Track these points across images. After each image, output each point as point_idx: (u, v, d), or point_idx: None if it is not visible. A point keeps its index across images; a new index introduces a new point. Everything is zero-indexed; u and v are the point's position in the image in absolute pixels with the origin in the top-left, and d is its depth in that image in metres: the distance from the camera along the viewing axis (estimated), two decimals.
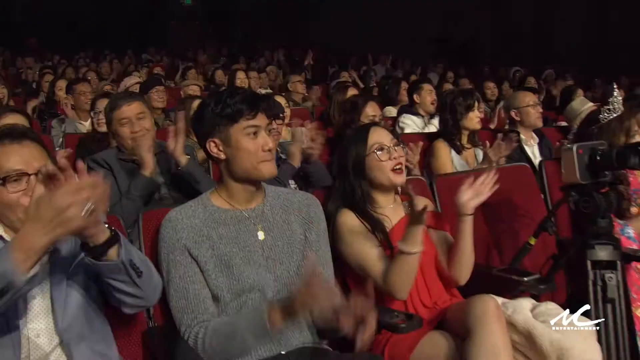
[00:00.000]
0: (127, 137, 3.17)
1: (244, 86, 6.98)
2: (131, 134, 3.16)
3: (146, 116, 3.25)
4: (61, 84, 6.28)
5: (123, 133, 3.18)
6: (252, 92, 2.21)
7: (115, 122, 3.20)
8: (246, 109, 2.11)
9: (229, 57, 14.33)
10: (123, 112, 3.19)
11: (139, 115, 3.20)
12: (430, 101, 5.48)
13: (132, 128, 3.16)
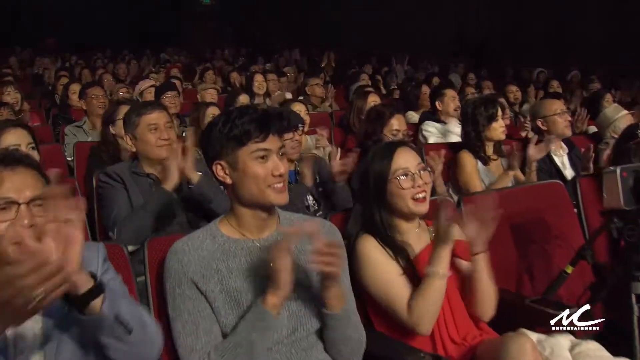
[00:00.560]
0: (153, 143, 3.02)
1: (262, 90, 6.81)
2: (159, 141, 3.02)
3: (172, 127, 3.13)
4: (74, 87, 6.12)
5: (149, 139, 3.03)
6: (263, 112, 1.98)
7: (143, 126, 3.04)
8: (255, 131, 1.92)
9: (247, 57, 14.16)
10: (153, 117, 3.06)
11: (167, 123, 3.08)
12: (453, 108, 5.26)
13: (160, 135, 3.03)
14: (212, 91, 6.57)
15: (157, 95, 5.46)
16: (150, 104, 3.19)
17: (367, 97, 4.97)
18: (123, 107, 4.19)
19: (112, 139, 4.16)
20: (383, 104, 3.92)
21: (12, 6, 17.79)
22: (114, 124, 4.16)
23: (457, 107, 5.26)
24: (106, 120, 4.24)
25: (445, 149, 4.22)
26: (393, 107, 3.84)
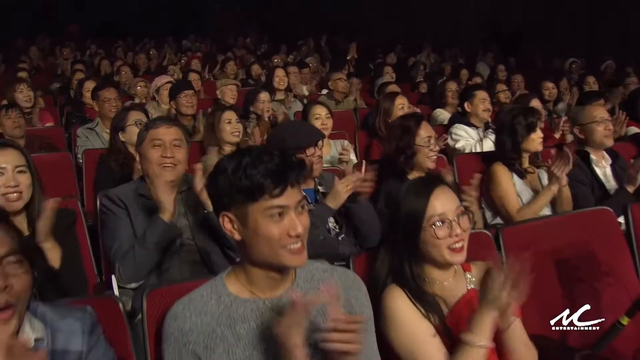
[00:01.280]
0: (154, 161, 2.72)
1: (283, 85, 6.50)
2: (160, 158, 2.72)
3: (182, 146, 2.80)
4: (89, 85, 5.87)
5: (151, 156, 2.73)
6: (282, 159, 1.66)
7: (147, 142, 2.76)
8: (271, 185, 1.62)
9: (269, 44, 13.82)
10: (158, 132, 2.76)
11: (174, 141, 2.76)
12: (483, 109, 4.92)
13: (163, 152, 2.72)
14: (232, 87, 6.26)
15: (174, 94, 5.18)
16: (160, 119, 2.89)
17: (394, 99, 4.65)
18: (133, 113, 3.96)
19: (121, 146, 3.91)
20: (404, 116, 3.59)
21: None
22: (124, 130, 3.92)
23: (487, 109, 4.93)
24: (115, 126, 3.99)
25: (476, 160, 3.92)
26: (415, 116, 3.53)
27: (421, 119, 3.41)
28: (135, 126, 3.85)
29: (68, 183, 3.98)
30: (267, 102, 5.38)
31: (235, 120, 4.24)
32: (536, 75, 9.73)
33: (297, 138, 3.07)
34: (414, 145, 3.33)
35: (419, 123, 3.37)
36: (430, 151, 3.34)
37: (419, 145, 3.33)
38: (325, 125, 4.48)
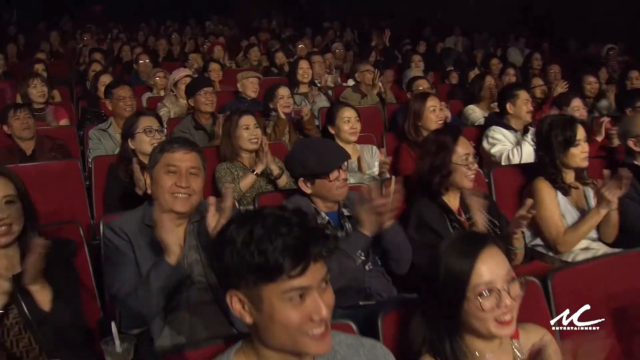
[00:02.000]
0: (167, 189, 2.41)
1: (306, 78, 6.16)
2: (174, 187, 2.41)
3: (199, 174, 2.49)
4: (105, 79, 5.58)
5: (164, 182, 2.42)
6: (302, 230, 1.35)
7: (161, 166, 2.45)
8: (290, 264, 1.31)
9: (294, 27, 13.43)
10: (174, 157, 2.44)
11: (191, 169, 2.45)
12: (526, 111, 4.53)
13: (178, 181, 2.41)
14: (253, 80, 5.93)
15: (192, 91, 4.87)
16: (178, 142, 2.54)
17: (425, 100, 4.29)
18: (143, 119, 3.67)
19: (131, 155, 3.62)
20: (439, 131, 3.23)
21: None
22: (133, 137, 3.63)
23: (530, 111, 4.54)
24: (125, 133, 3.70)
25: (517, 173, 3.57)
26: (452, 130, 3.15)
27: (458, 134, 3.05)
28: (144, 134, 3.58)
29: (76, 194, 3.72)
30: (286, 97, 5.05)
31: (253, 126, 3.93)
32: (570, 62, 9.27)
33: (320, 161, 2.76)
34: (450, 164, 2.98)
35: (456, 139, 3.02)
36: (468, 170, 2.99)
37: (455, 164, 2.98)
38: (354, 130, 4.16)
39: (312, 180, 2.78)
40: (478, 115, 5.55)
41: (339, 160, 2.80)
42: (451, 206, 3.05)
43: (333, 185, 2.75)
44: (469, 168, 2.99)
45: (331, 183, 2.75)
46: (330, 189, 2.76)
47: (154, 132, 3.61)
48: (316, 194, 2.81)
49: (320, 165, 2.74)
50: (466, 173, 2.99)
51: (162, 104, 5.70)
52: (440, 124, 4.30)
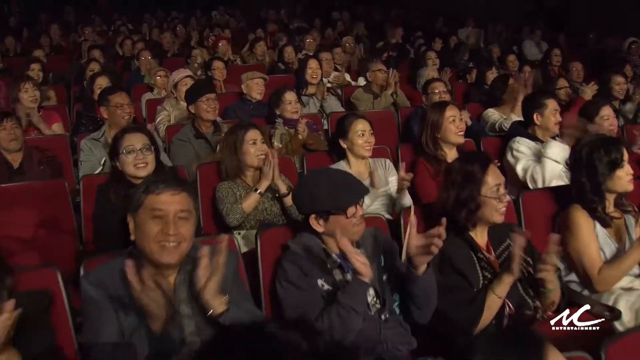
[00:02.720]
0: (152, 237, 2.06)
1: (315, 78, 5.77)
2: (161, 235, 2.06)
3: (190, 218, 2.13)
4: (101, 81, 5.18)
5: (149, 230, 2.06)
6: None
7: (145, 210, 2.09)
8: None
9: (302, 18, 12.99)
10: (160, 200, 2.08)
11: (181, 213, 2.09)
12: (554, 122, 4.13)
13: (165, 227, 2.06)
14: (259, 81, 5.55)
15: (193, 97, 4.47)
16: (164, 181, 2.15)
17: (444, 111, 3.89)
18: (126, 136, 3.24)
19: (121, 175, 3.25)
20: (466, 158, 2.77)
21: None
22: (119, 158, 3.23)
23: (558, 121, 4.14)
24: (110, 152, 3.32)
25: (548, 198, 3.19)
26: (482, 158, 2.74)
27: (488, 162, 2.66)
28: (124, 155, 3.17)
29: (63, 218, 3.36)
30: (294, 102, 4.68)
31: (260, 141, 3.56)
32: (589, 57, 8.80)
33: (336, 195, 2.38)
34: (478, 197, 2.60)
35: (485, 167, 2.63)
36: (499, 202, 2.61)
37: (485, 197, 2.60)
38: (369, 144, 3.78)
39: (325, 217, 2.41)
40: (496, 118, 5.16)
41: (357, 195, 2.43)
42: (479, 243, 2.67)
43: (349, 223, 2.39)
44: (500, 200, 2.61)
45: (347, 220, 2.38)
46: (346, 227, 2.39)
47: (137, 153, 3.16)
48: (329, 233, 2.44)
49: (336, 201, 2.37)
50: (497, 206, 2.61)
51: (162, 107, 5.33)
52: (461, 135, 3.92)
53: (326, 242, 2.47)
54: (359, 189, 2.45)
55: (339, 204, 2.37)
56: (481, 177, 2.61)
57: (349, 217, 2.37)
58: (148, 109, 5.67)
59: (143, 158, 3.18)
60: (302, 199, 2.47)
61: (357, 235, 2.44)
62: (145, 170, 3.18)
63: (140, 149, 3.18)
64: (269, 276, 2.57)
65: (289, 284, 2.41)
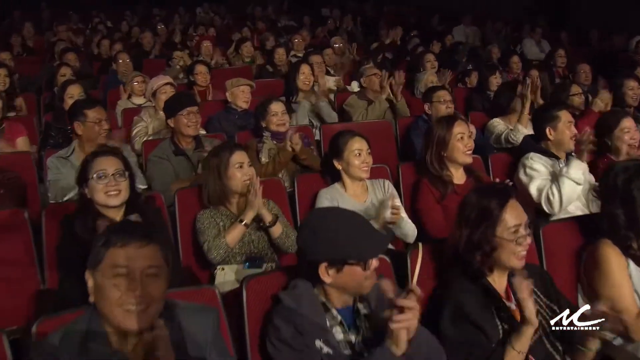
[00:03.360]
0: (114, 301, 1.75)
1: (307, 85, 5.45)
2: (124, 297, 1.75)
3: (160, 275, 1.81)
4: (73, 90, 4.79)
5: (110, 292, 1.76)
6: None
7: (106, 267, 1.78)
8: None
9: (291, 14, 12.64)
10: (124, 255, 1.78)
11: (149, 269, 1.79)
12: (570, 136, 3.83)
13: (130, 286, 1.75)
14: (245, 88, 5.23)
15: (172, 110, 4.13)
16: (128, 231, 1.84)
17: (452, 126, 3.58)
18: (100, 160, 2.90)
19: (89, 205, 2.92)
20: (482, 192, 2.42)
21: None
22: (88, 184, 2.89)
23: (574, 135, 3.84)
24: (78, 177, 2.97)
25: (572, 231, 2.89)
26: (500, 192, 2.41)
27: (507, 198, 2.34)
28: (94, 180, 2.83)
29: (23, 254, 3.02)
30: (280, 113, 4.36)
31: (247, 164, 3.24)
32: (592, 56, 8.51)
33: (358, 244, 2.07)
34: (494, 239, 2.29)
35: (503, 204, 2.31)
36: (517, 246, 2.30)
37: (501, 238, 2.29)
38: (366, 164, 3.47)
39: (339, 267, 2.09)
40: (502, 128, 4.87)
41: (380, 245, 2.15)
42: (497, 289, 2.36)
43: (364, 276, 2.08)
44: (518, 244, 2.30)
45: (363, 273, 2.07)
46: (360, 281, 2.09)
47: (109, 178, 2.84)
48: (337, 285, 2.12)
49: (359, 250, 2.06)
50: (515, 250, 2.29)
51: (139, 117, 4.99)
52: (469, 155, 3.62)
53: (329, 294, 2.16)
54: (381, 239, 2.16)
55: (361, 254, 2.06)
56: (498, 215, 2.30)
57: (366, 270, 2.06)
58: (124, 118, 5.32)
59: (115, 184, 2.85)
60: (312, 243, 2.12)
61: (368, 290, 2.13)
62: (117, 198, 2.86)
63: (113, 174, 2.86)
64: (256, 332, 2.26)
65: (282, 344, 2.10)
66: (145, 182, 3.95)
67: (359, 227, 2.14)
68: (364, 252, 2.08)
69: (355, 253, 2.07)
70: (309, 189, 3.64)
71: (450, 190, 3.56)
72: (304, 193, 3.66)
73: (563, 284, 2.68)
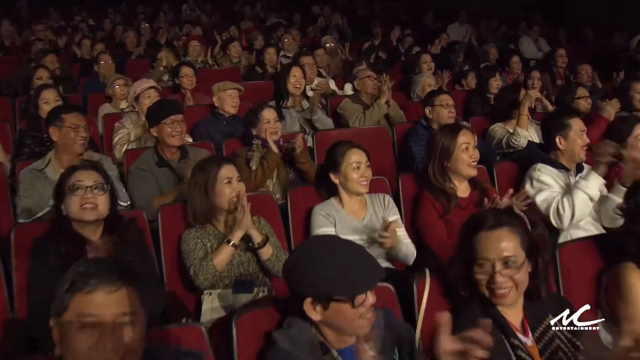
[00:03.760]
0: (83, 355, 1.55)
1: (299, 89, 5.23)
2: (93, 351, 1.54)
3: (137, 322, 1.61)
4: (48, 95, 4.55)
5: (78, 345, 1.55)
6: None
7: (72, 316, 1.58)
8: None
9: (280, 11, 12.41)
10: (93, 302, 1.57)
11: (123, 317, 1.58)
12: (581, 145, 3.64)
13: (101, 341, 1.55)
14: (232, 92, 5.00)
15: (156, 118, 3.91)
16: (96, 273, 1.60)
17: (457, 135, 3.39)
18: (78, 173, 2.71)
19: (65, 225, 2.70)
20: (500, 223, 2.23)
21: None
22: (64, 199, 2.68)
23: (586, 144, 3.65)
24: (55, 194, 2.76)
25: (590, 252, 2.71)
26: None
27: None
28: (70, 193, 2.65)
29: None
30: (273, 121, 4.15)
31: (236, 179, 3.04)
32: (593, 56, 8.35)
33: (342, 279, 1.86)
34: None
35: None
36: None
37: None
38: (365, 178, 3.26)
39: (325, 304, 1.89)
40: (502, 132, 4.70)
41: (371, 279, 1.91)
42: (511, 322, 2.17)
43: (355, 314, 1.87)
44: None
45: (353, 311, 1.87)
46: (351, 319, 1.88)
47: (85, 190, 2.65)
48: (328, 323, 1.92)
49: (343, 284, 1.85)
50: None
51: (121, 124, 4.77)
52: (474, 167, 3.43)
53: (324, 332, 1.95)
54: (374, 272, 1.93)
55: (345, 289, 1.85)
56: None
57: (355, 307, 1.86)
58: (105, 124, 5.09)
59: (92, 198, 2.65)
60: (296, 275, 1.92)
61: (364, 330, 1.90)
62: (93, 213, 2.66)
63: (90, 186, 2.66)
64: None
65: None
66: (128, 199, 3.73)
67: (350, 259, 1.92)
68: (351, 287, 1.86)
69: (340, 288, 1.85)
70: (302, 203, 3.44)
71: (454, 204, 3.38)
72: (297, 208, 3.45)
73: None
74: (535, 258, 2.21)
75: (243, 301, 2.85)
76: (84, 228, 2.70)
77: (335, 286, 1.85)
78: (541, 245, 2.26)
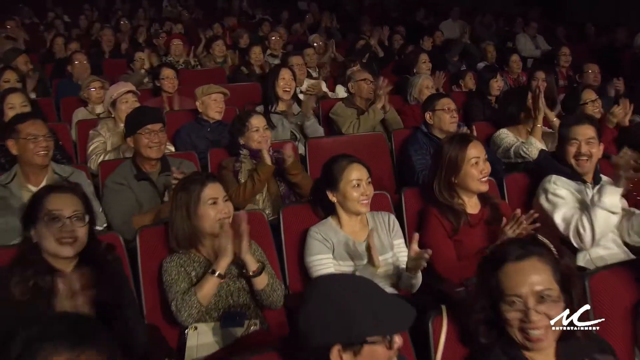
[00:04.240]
0: None
1: (289, 92, 4.96)
2: None
3: None
4: (14, 99, 4.26)
5: None
6: None
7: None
8: None
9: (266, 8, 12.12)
10: None
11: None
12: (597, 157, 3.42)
13: None
14: (217, 97, 4.74)
15: (132, 127, 3.64)
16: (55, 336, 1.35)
17: (466, 148, 3.14)
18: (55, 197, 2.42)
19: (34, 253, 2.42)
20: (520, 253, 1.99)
21: None
22: (35, 225, 2.41)
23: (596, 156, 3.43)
24: (24, 217, 2.48)
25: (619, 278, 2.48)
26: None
27: None
28: (45, 224, 2.36)
29: None
30: (262, 129, 3.89)
31: (222, 199, 2.78)
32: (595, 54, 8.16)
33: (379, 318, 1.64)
34: None
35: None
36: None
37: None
38: (366, 197, 2.99)
39: (357, 349, 1.64)
40: (512, 140, 4.46)
41: (408, 316, 1.68)
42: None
43: (387, 356, 1.66)
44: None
45: (387, 353, 1.65)
46: None
47: (64, 222, 2.38)
48: None
49: (380, 323, 1.64)
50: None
51: (96, 131, 4.49)
52: (485, 182, 3.18)
53: None
54: (405, 308, 1.69)
55: (383, 328, 1.63)
56: None
57: (391, 349, 1.63)
58: (79, 132, 4.80)
59: (71, 231, 2.37)
60: (320, 324, 1.66)
61: None
62: (72, 248, 2.39)
63: (70, 217, 2.38)
64: None
65: None
66: (105, 221, 3.46)
67: (376, 296, 1.70)
68: (388, 325, 1.65)
69: (376, 328, 1.63)
70: (297, 223, 3.17)
71: (464, 222, 3.13)
72: (291, 228, 3.18)
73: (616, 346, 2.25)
74: (569, 291, 1.98)
75: (233, 336, 2.61)
76: (57, 261, 2.42)
77: (370, 326, 1.62)
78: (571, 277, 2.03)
